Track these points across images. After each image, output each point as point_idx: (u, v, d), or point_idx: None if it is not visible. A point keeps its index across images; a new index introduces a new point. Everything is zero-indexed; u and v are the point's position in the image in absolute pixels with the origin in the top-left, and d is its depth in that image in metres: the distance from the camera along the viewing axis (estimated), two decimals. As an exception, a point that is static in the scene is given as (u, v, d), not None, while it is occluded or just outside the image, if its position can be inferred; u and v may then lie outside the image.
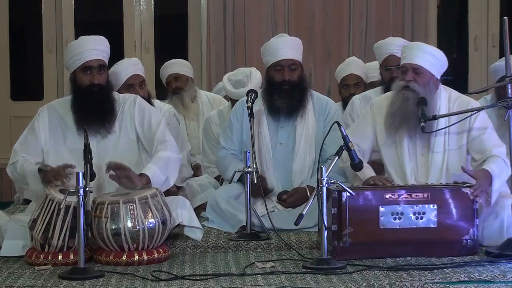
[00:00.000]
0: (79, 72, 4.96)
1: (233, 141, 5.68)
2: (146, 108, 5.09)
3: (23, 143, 4.97)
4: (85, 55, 4.93)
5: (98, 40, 5.03)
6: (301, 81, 5.57)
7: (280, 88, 5.51)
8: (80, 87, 4.96)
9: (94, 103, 4.93)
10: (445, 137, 4.99)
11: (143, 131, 5.01)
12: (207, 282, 4.15)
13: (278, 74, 5.52)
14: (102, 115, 4.95)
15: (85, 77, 4.95)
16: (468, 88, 8.24)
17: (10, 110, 8.59)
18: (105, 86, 5.00)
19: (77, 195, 4.25)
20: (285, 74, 5.50)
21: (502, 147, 4.93)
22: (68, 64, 5.02)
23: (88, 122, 4.84)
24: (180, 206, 4.84)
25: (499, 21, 8.27)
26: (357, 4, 8.23)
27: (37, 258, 4.51)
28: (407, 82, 4.92)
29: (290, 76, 5.50)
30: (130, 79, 5.74)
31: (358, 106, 5.90)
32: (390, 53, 5.87)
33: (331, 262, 4.40)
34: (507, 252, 4.54)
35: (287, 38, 5.64)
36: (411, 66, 4.93)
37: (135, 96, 5.14)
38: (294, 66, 5.52)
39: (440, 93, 5.02)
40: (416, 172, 5.01)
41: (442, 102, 5.01)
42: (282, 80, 5.50)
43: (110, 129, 4.96)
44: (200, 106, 6.98)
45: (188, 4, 8.63)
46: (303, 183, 5.53)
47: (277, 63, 5.52)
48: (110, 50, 5.07)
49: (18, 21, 8.70)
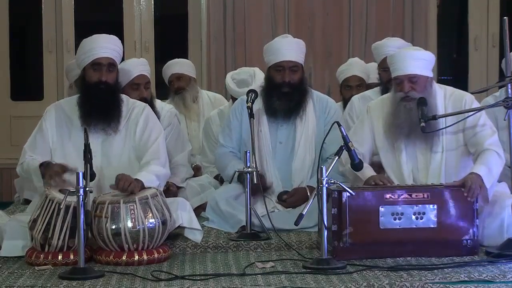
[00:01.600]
0: (88, 68, 4.99)
1: (232, 139, 5.68)
2: (151, 120, 5.10)
3: (32, 143, 5.00)
4: (95, 52, 4.96)
5: (110, 39, 5.06)
6: (302, 83, 5.56)
7: (279, 90, 5.51)
8: (88, 83, 4.98)
9: (100, 99, 4.94)
10: (444, 137, 4.99)
11: (140, 140, 5.02)
12: (207, 282, 4.15)
13: (279, 75, 5.51)
14: (107, 112, 4.96)
15: (94, 73, 4.97)
16: (468, 88, 8.23)
17: (10, 110, 8.58)
18: (113, 86, 5.02)
19: (77, 195, 4.25)
20: (286, 76, 5.49)
21: (494, 136, 4.89)
22: (79, 61, 5.05)
23: (92, 118, 4.89)
24: (180, 208, 4.85)
25: (499, 21, 8.26)
26: (357, 4, 8.23)
27: (37, 258, 4.51)
28: (406, 93, 4.90)
29: (291, 78, 5.49)
30: (137, 78, 5.73)
31: (357, 106, 5.91)
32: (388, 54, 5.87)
33: (331, 262, 4.40)
34: (507, 252, 4.55)
35: (290, 40, 5.63)
36: (406, 77, 4.92)
37: (145, 106, 5.16)
38: (295, 68, 5.51)
39: (436, 91, 5.02)
40: (415, 173, 5.01)
41: (438, 101, 5.01)
42: (282, 81, 5.49)
43: (115, 128, 4.97)
44: (201, 107, 6.99)
45: (188, 4, 8.62)
46: (302, 183, 5.53)
47: (279, 63, 5.51)
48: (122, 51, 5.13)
49: (18, 21, 8.69)
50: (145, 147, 5.00)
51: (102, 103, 4.95)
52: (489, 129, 4.94)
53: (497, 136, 4.92)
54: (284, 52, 5.49)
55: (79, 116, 4.96)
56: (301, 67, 5.57)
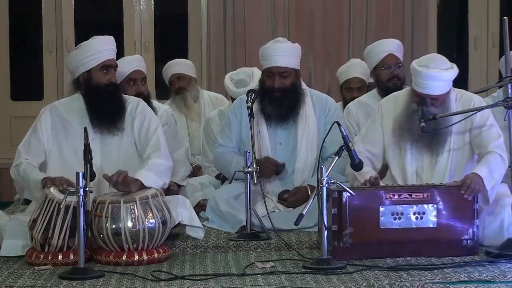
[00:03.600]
0: (96, 70, 4.95)
1: (231, 139, 5.67)
2: (147, 113, 5.09)
3: (27, 144, 4.97)
4: (104, 54, 4.95)
5: (111, 40, 5.07)
6: (294, 87, 5.53)
7: (270, 94, 5.51)
8: (98, 85, 4.95)
9: (111, 101, 4.95)
10: (450, 137, 4.98)
11: (139, 134, 5.01)
12: (207, 282, 4.15)
13: (269, 80, 5.51)
14: (116, 113, 4.97)
15: (104, 75, 4.95)
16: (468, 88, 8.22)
17: (10, 110, 8.58)
18: (119, 86, 5.07)
19: (77, 195, 4.25)
20: (275, 81, 5.48)
21: (499, 139, 4.89)
22: (82, 63, 4.96)
23: (103, 120, 4.89)
24: (180, 205, 4.84)
25: (499, 21, 8.26)
26: (357, 4, 8.22)
27: (37, 258, 4.51)
28: (427, 109, 4.87)
29: (281, 83, 5.48)
30: (133, 73, 5.74)
31: (355, 112, 5.96)
32: (389, 52, 5.87)
33: (331, 262, 4.40)
34: (507, 252, 4.55)
35: (281, 45, 5.56)
36: (429, 97, 4.88)
37: (139, 100, 5.15)
38: (285, 73, 5.49)
39: (450, 95, 5.00)
40: (420, 173, 5.01)
41: (451, 103, 5.00)
42: (272, 86, 5.49)
43: (121, 128, 4.98)
44: (202, 107, 6.99)
45: (188, 4, 8.62)
46: (304, 182, 5.53)
47: (269, 69, 5.52)
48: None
49: (18, 21, 8.69)
50: (145, 140, 4.99)
51: (113, 104, 4.96)
52: (495, 131, 4.93)
53: (503, 140, 4.91)
54: (274, 58, 5.48)
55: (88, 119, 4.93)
56: (294, 71, 5.53)
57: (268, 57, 5.51)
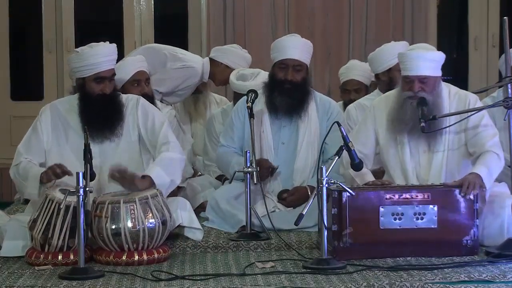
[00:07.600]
0: (90, 80, 4.92)
1: (234, 139, 5.67)
2: (150, 109, 5.08)
3: (27, 144, 4.96)
4: (99, 66, 4.90)
5: (111, 49, 5.00)
6: (304, 83, 5.55)
7: (281, 86, 5.51)
8: (91, 95, 4.93)
9: (103, 111, 4.91)
10: (446, 136, 4.99)
11: (146, 132, 5.00)
12: (207, 282, 4.15)
13: (282, 72, 5.51)
14: (109, 122, 4.94)
15: (97, 86, 4.92)
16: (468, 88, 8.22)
17: (10, 110, 8.58)
18: (114, 94, 4.99)
19: (77, 195, 4.25)
20: (288, 74, 5.49)
21: (495, 138, 4.90)
22: (78, 70, 4.94)
23: (96, 128, 4.85)
24: (180, 207, 4.84)
25: (499, 21, 8.26)
26: (357, 4, 8.23)
27: (37, 258, 4.51)
28: (415, 92, 4.90)
29: (293, 76, 5.50)
30: (137, 74, 5.73)
31: (355, 114, 5.97)
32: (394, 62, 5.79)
33: (331, 262, 4.40)
34: (507, 252, 4.55)
35: (297, 39, 5.63)
36: (417, 78, 4.92)
37: (138, 97, 5.13)
38: (299, 67, 5.51)
39: (442, 90, 5.03)
40: (417, 171, 5.01)
41: (444, 100, 5.01)
42: (284, 78, 5.50)
43: (118, 134, 4.95)
44: (208, 108, 6.95)
45: (188, 4, 8.63)
46: (304, 183, 5.53)
47: (283, 61, 5.51)
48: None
49: (18, 21, 8.69)
50: (153, 134, 4.97)
51: (105, 114, 4.92)
52: (491, 130, 4.94)
53: (498, 138, 4.93)
54: (289, 51, 5.50)
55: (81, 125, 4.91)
56: (306, 67, 5.57)
57: (283, 49, 5.51)
